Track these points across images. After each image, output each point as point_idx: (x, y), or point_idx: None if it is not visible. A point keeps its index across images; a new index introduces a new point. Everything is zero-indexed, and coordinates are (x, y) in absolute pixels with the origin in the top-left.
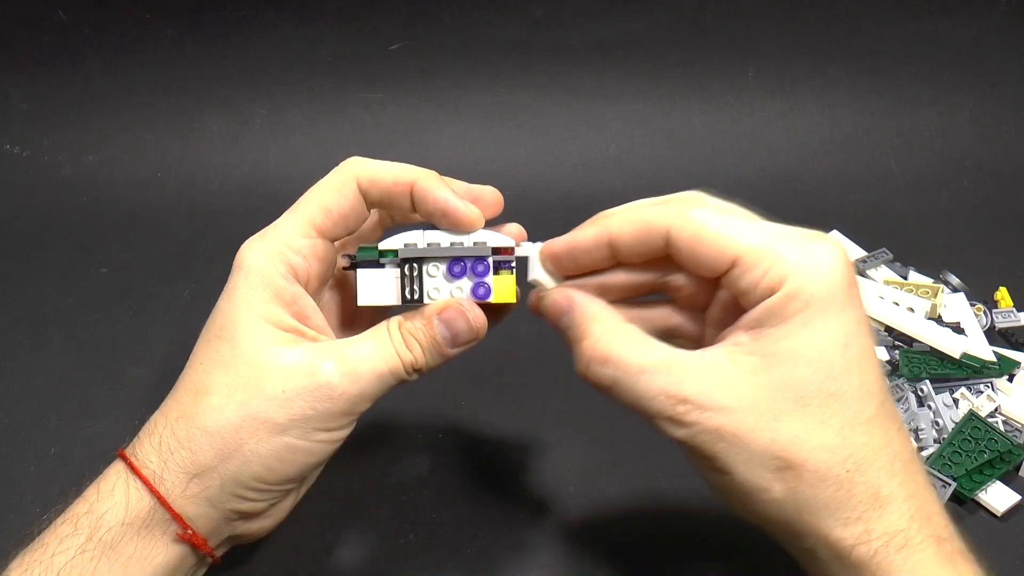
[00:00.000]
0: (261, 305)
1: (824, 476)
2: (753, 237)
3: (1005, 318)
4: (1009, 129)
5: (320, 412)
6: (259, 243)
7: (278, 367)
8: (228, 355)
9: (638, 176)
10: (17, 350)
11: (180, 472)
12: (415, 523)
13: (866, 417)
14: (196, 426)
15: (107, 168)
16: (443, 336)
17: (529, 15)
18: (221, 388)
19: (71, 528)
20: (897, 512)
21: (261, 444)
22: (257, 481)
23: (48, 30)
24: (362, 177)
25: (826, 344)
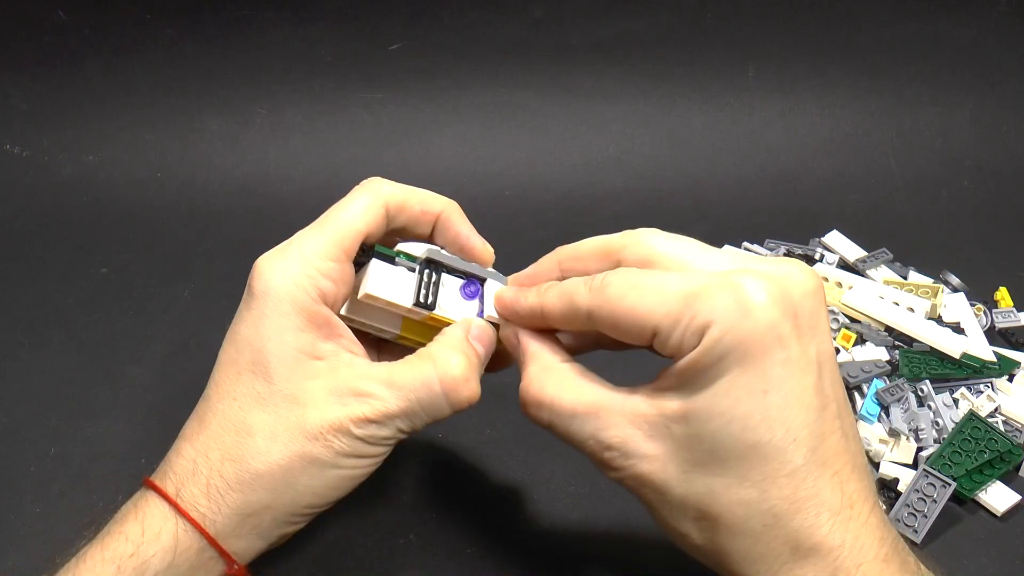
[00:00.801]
0: (294, 335)
1: (740, 530)
2: (668, 302)
3: (1005, 318)
4: (1009, 129)
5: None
6: (283, 263)
7: (318, 402)
8: (265, 392)
9: (638, 176)
10: (17, 350)
11: (233, 514)
12: (415, 523)
13: (789, 469)
14: (246, 470)
15: (107, 168)
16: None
17: (529, 15)
18: (263, 428)
19: (114, 569)
20: (820, 566)
21: (314, 479)
22: (309, 508)
23: (48, 30)
24: (391, 202)
25: (742, 395)
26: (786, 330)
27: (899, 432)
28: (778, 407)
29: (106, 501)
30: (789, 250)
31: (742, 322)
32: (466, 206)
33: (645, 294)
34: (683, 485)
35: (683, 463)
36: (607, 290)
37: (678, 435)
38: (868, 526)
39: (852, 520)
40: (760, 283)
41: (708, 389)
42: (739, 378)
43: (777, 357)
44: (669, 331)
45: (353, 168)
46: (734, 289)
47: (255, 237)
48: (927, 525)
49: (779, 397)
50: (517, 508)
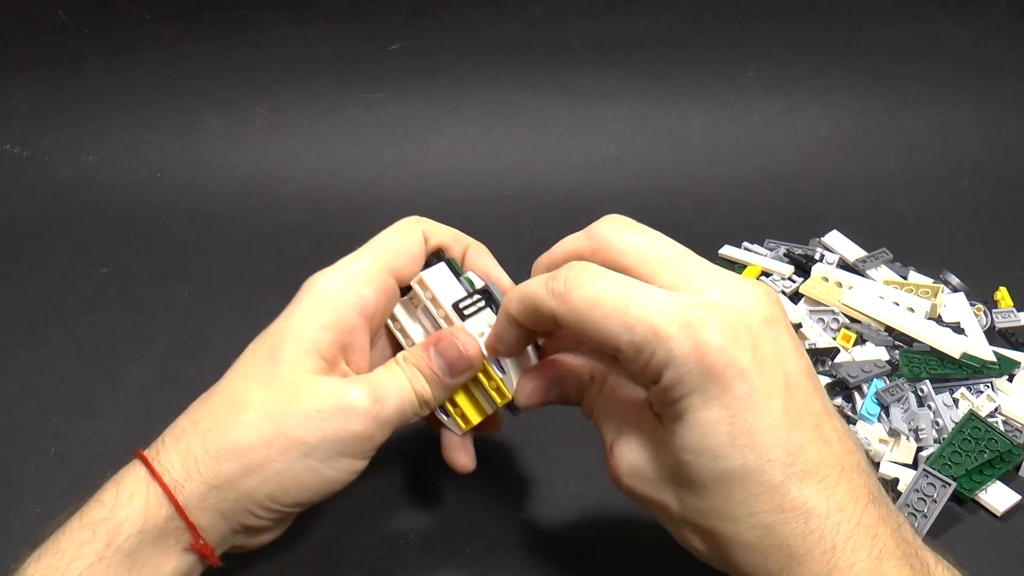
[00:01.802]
0: (312, 331)
1: (736, 542)
2: (630, 331)
3: (1005, 318)
4: (1009, 129)
5: (348, 434)
6: (330, 273)
7: (312, 389)
8: (270, 374)
9: (638, 176)
10: (17, 350)
11: (201, 482)
12: (415, 523)
13: (771, 486)
14: (226, 439)
15: (107, 168)
16: (440, 367)
17: (529, 15)
18: (257, 404)
19: (89, 534)
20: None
21: (285, 464)
22: (270, 500)
23: (48, 30)
24: (427, 229)
25: (707, 429)
26: (745, 363)
27: (899, 432)
28: (746, 434)
29: None
30: (789, 250)
31: (700, 363)
32: (466, 206)
33: (608, 315)
34: (677, 505)
35: (674, 486)
36: (570, 298)
37: (664, 462)
38: (860, 527)
39: (843, 523)
40: (717, 321)
41: (678, 423)
42: (702, 414)
43: (739, 391)
44: (631, 359)
45: (353, 168)
46: (692, 331)
47: (255, 237)
48: (927, 525)
49: (744, 426)
50: (516, 508)
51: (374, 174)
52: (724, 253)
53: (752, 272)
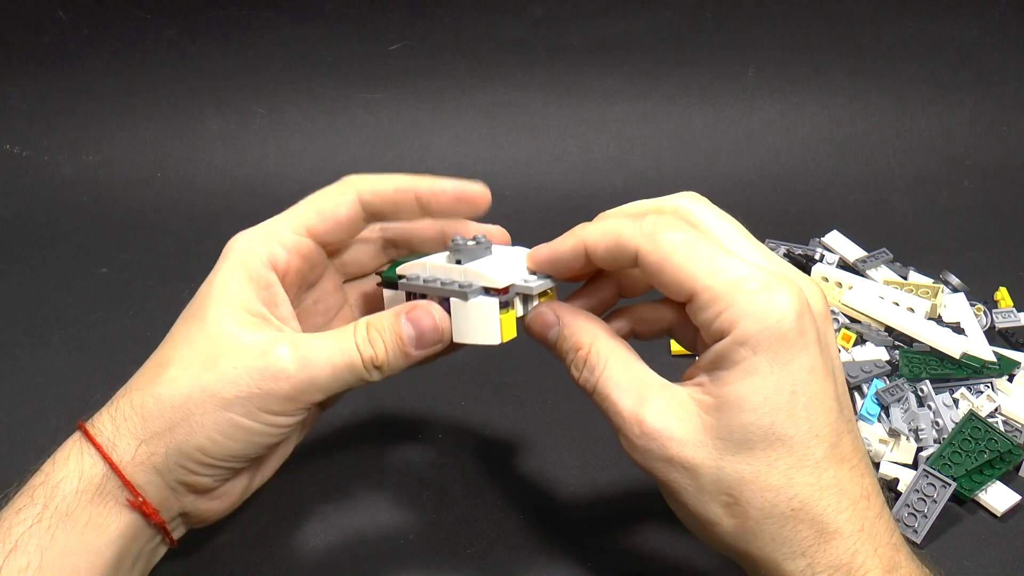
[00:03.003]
0: (235, 286)
1: (769, 514)
2: (712, 277)
3: (1005, 318)
4: (1009, 129)
5: (265, 392)
6: (247, 233)
7: (235, 344)
8: (195, 331)
9: (638, 176)
10: (17, 350)
11: (131, 438)
12: (415, 523)
13: (813, 461)
14: (150, 395)
15: (107, 168)
16: (408, 335)
17: (529, 15)
18: (181, 361)
19: (27, 499)
20: (842, 547)
21: (206, 417)
22: (200, 453)
23: (48, 30)
24: (363, 190)
25: (771, 392)
26: (811, 339)
27: (899, 432)
28: (804, 407)
29: None
30: (789, 250)
31: (778, 325)
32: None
33: (695, 258)
34: (714, 470)
35: (714, 449)
36: (659, 237)
37: (712, 424)
38: (881, 518)
39: (868, 510)
40: (797, 295)
41: (740, 383)
42: (770, 377)
43: (804, 362)
44: (704, 305)
45: (353, 168)
46: (774, 295)
47: None
48: (927, 525)
49: (805, 398)
50: (516, 508)
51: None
52: None
53: None
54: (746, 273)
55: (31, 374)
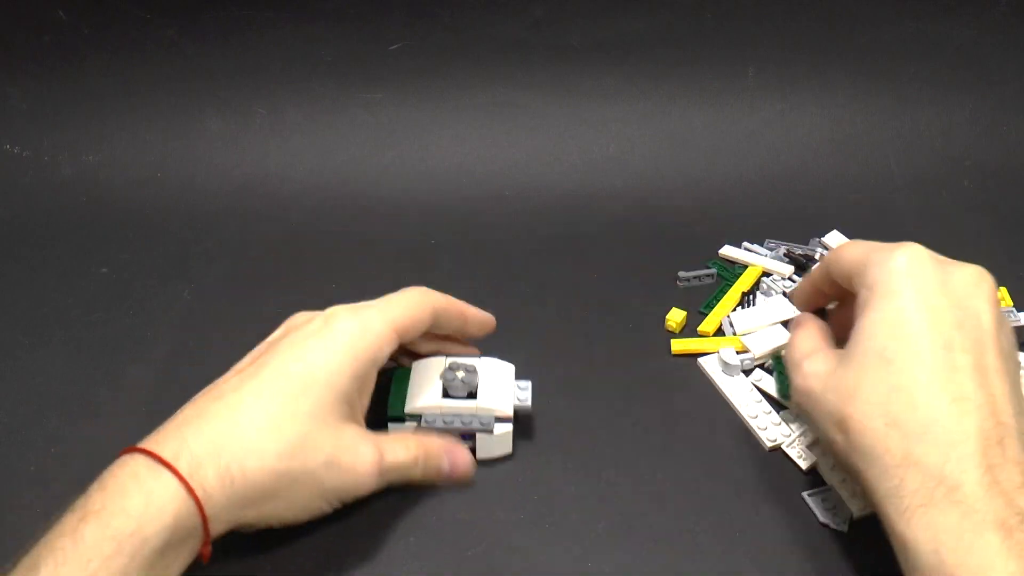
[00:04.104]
0: (341, 376)
1: (865, 427)
2: (863, 256)
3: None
4: (1009, 129)
5: (351, 490)
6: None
7: (333, 438)
8: (300, 410)
9: (638, 176)
10: (17, 350)
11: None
12: (415, 523)
13: (913, 381)
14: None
15: (107, 168)
16: (444, 469)
17: (529, 15)
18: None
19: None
20: (927, 470)
21: (302, 500)
22: (275, 519)
23: (48, 30)
24: (437, 307)
25: (884, 320)
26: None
27: None
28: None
29: None
30: (789, 250)
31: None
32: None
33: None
34: (832, 393)
35: (834, 375)
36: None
37: (839, 355)
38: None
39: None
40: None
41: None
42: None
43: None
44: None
45: (353, 168)
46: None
47: (255, 237)
48: None
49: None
50: (517, 509)
51: (374, 174)
52: (724, 253)
53: (752, 272)
54: (883, 246)
55: (31, 374)
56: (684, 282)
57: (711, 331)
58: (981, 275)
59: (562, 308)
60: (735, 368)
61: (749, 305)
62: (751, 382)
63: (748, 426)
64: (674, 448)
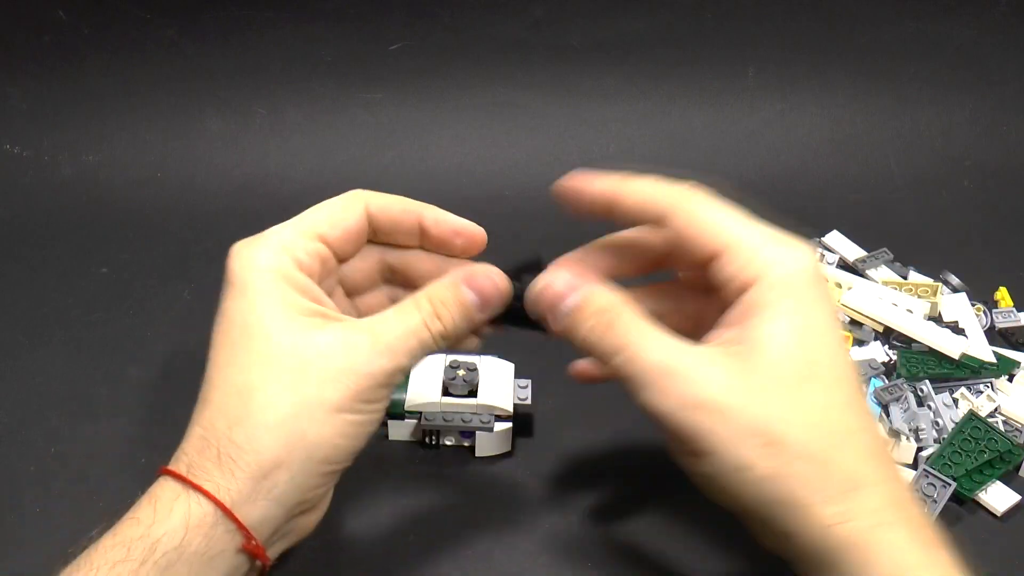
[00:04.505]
0: (281, 296)
1: (805, 452)
2: (741, 232)
3: (1005, 318)
4: (1009, 129)
5: (364, 388)
6: (258, 241)
7: (317, 350)
8: (263, 349)
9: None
10: (17, 350)
11: (247, 478)
12: (415, 523)
13: (842, 401)
14: (255, 425)
15: (107, 168)
16: (472, 301)
17: (529, 15)
18: (266, 383)
19: (123, 552)
20: (875, 495)
21: (324, 427)
22: (325, 463)
23: (48, 30)
24: (372, 204)
25: (803, 330)
26: (825, 291)
27: (899, 432)
28: (830, 347)
29: (106, 501)
30: None
31: (804, 272)
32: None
33: (725, 216)
34: (750, 410)
35: (749, 392)
36: (695, 195)
37: (745, 368)
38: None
39: (890, 463)
40: (810, 250)
41: (774, 324)
42: (799, 318)
43: (825, 308)
44: (734, 256)
45: (353, 168)
46: (796, 247)
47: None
48: None
49: (830, 339)
50: (517, 509)
51: (374, 174)
52: None
53: None
54: (768, 232)
55: (31, 374)
56: None
57: None
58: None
59: None
60: None
61: None
62: None
63: None
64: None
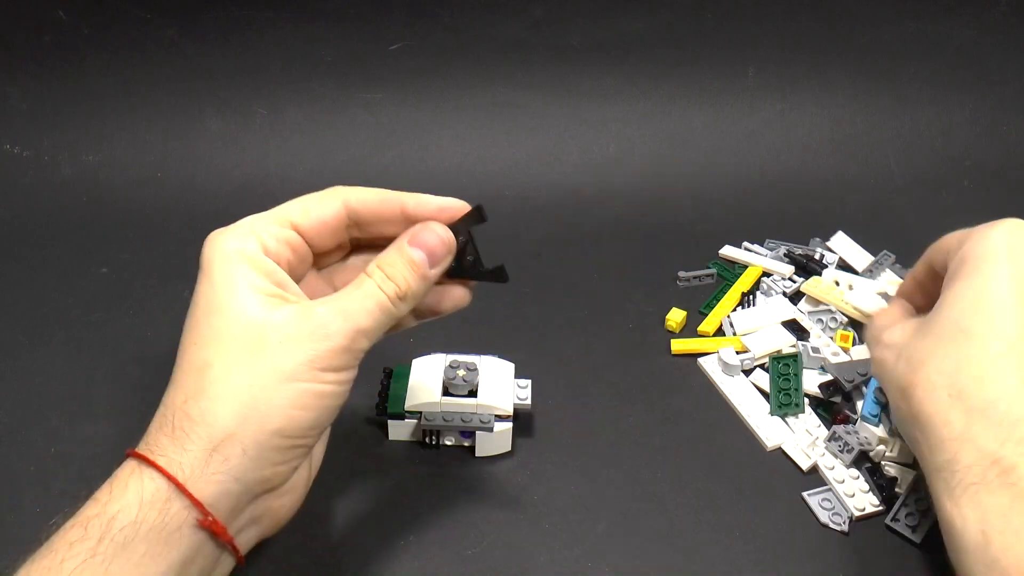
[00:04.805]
0: (243, 276)
1: (928, 396)
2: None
3: None
4: (1009, 129)
5: (322, 351)
6: (229, 229)
7: (271, 322)
8: (221, 326)
9: (638, 176)
10: (17, 350)
11: (200, 451)
12: (415, 523)
13: (987, 358)
14: (207, 398)
15: (107, 168)
16: (419, 258)
17: (529, 15)
18: (223, 357)
19: (81, 532)
20: (981, 449)
21: (276, 395)
22: (280, 436)
23: (48, 30)
24: (350, 197)
25: (969, 290)
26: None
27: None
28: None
29: None
30: (789, 250)
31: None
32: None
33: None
34: (902, 363)
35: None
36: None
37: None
38: None
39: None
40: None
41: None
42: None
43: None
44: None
45: (353, 168)
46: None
47: None
48: (927, 525)
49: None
50: (517, 509)
51: (374, 174)
52: (724, 253)
53: (752, 272)
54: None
55: (31, 374)
56: (684, 282)
57: (711, 331)
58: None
59: (562, 308)
60: (735, 368)
61: (749, 305)
62: (751, 382)
63: (748, 426)
64: (674, 448)
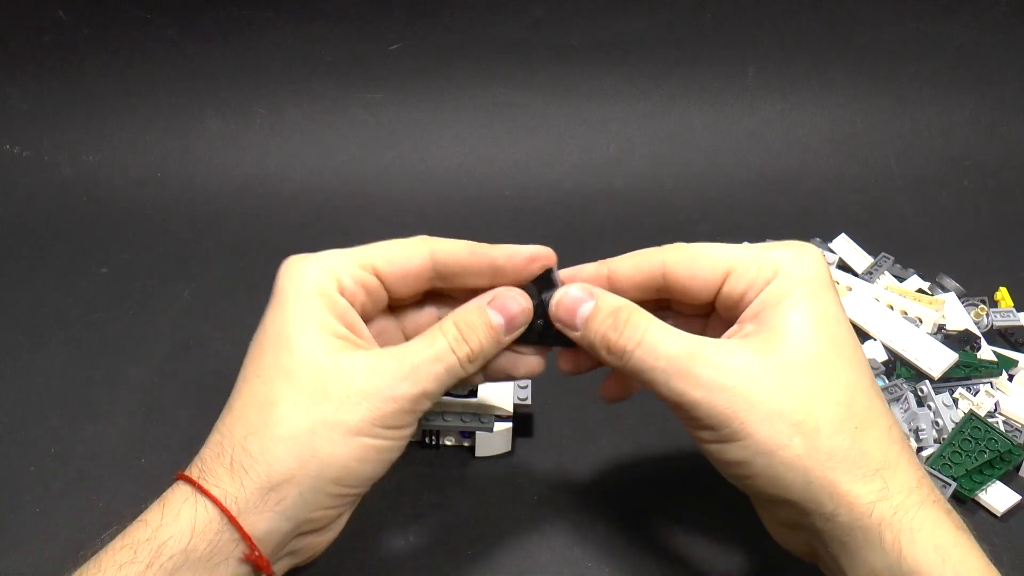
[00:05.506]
0: (315, 314)
1: (839, 429)
2: (739, 251)
3: (1004, 318)
4: (1009, 129)
5: (385, 413)
6: (308, 259)
7: (339, 371)
8: (287, 364)
9: (638, 176)
10: (17, 350)
11: (256, 488)
12: (415, 523)
13: (865, 384)
14: (269, 437)
15: (107, 168)
16: (498, 323)
17: (529, 15)
18: (286, 397)
19: (130, 554)
20: (904, 474)
21: (338, 446)
22: (336, 484)
23: (48, 30)
24: (438, 249)
25: (820, 318)
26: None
27: None
28: (848, 335)
29: (106, 501)
30: None
31: (815, 265)
32: (466, 206)
33: (720, 247)
34: (782, 391)
35: (779, 376)
36: (679, 247)
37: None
38: None
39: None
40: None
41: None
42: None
43: (837, 300)
44: (745, 269)
45: (353, 168)
46: (803, 248)
47: (255, 237)
48: None
49: (846, 328)
50: (517, 509)
51: (374, 174)
52: None
53: None
54: (767, 244)
55: (31, 374)
56: None
57: None
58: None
59: None
60: None
61: None
62: None
63: None
64: (674, 448)
